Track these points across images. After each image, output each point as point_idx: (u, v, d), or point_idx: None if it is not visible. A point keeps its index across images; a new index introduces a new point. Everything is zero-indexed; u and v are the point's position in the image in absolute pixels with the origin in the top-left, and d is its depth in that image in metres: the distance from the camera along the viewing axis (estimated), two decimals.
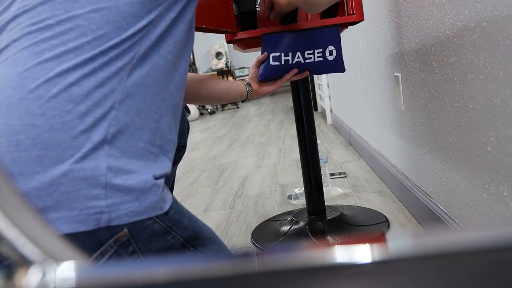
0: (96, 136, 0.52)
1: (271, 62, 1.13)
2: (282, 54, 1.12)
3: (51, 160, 0.50)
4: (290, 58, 1.13)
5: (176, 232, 0.59)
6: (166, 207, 0.58)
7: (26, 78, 0.52)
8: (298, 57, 1.14)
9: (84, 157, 0.51)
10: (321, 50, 1.15)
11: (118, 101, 0.55)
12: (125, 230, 0.53)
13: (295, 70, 1.16)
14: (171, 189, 1.04)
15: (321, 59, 1.16)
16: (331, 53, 1.16)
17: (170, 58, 0.62)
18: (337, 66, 1.19)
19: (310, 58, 1.15)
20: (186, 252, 0.60)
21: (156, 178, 0.57)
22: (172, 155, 0.63)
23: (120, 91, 0.55)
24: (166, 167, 0.60)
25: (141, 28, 0.58)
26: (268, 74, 1.14)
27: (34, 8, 0.56)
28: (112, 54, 0.55)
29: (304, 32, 1.12)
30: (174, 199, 0.62)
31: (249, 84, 1.13)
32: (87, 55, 0.54)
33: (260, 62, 1.15)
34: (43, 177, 0.50)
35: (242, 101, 1.15)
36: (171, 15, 0.62)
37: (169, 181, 0.98)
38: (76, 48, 0.54)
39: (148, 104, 0.58)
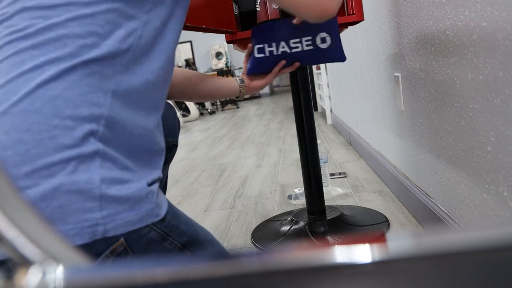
0: (86, 149, 0.51)
1: (256, 55, 1.09)
2: (266, 45, 1.08)
3: (41, 175, 0.49)
4: (274, 48, 1.09)
5: (173, 238, 0.59)
6: (162, 213, 0.57)
7: (9, 90, 0.51)
8: (283, 47, 1.09)
9: (75, 170, 0.50)
10: (310, 38, 1.09)
11: (105, 116, 0.53)
12: (122, 239, 0.53)
13: (283, 62, 1.11)
14: (164, 188, 1.03)
15: (311, 47, 1.10)
16: (323, 40, 1.10)
17: (162, 72, 0.61)
18: (334, 54, 1.12)
19: (297, 47, 1.09)
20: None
21: (150, 184, 0.56)
22: (158, 163, 0.62)
23: (107, 106, 0.54)
24: (156, 174, 0.60)
25: (122, 38, 0.56)
26: (255, 68, 1.10)
27: (12, 17, 0.55)
28: (93, 65, 0.54)
29: (289, 20, 1.07)
30: (169, 204, 0.61)
31: (242, 80, 1.10)
32: (68, 64, 0.52)
33: (248, 56, 1.12)
34: (34, 192, 0.49)
35: (236, 98, 1.13)
36: (156, 23, 0.59)
37: (162, 180, 0.98)
38: (57, 58, 0.52)
39: (134, 121, 0.57)
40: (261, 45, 1.09)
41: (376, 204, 1.53)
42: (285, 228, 1.38)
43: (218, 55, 8.02)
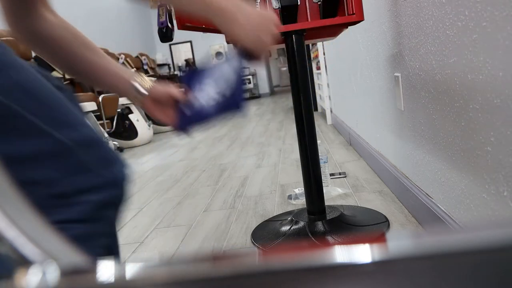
0: None
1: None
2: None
3: None
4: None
5: None
6: None
7: None
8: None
9: None
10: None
11: None
12: None
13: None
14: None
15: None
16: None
17: None
18: (233, 101, 0.75)
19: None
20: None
21: None
22: None
23: None
24: None
25: None
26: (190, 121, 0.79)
27: None
28: None
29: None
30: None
31: (143, 93, 0.74)
32: None
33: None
34: None
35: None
36: None
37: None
38: None
39: None
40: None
41: (376, 204, 1.53)
42: (285, 228, 1.38)
43: (218, 55, 8.02)
